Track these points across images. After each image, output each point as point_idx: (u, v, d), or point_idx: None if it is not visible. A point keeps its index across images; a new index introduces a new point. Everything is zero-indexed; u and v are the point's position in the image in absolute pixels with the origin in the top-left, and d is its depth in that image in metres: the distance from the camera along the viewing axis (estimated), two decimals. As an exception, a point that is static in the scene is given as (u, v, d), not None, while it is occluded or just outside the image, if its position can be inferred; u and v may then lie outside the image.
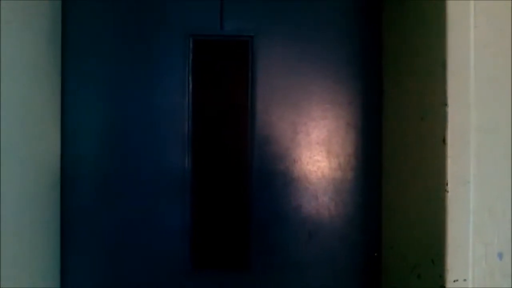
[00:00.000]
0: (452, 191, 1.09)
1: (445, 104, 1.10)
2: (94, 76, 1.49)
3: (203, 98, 1.52)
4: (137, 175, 1.50)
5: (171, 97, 1.50)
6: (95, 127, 1.50)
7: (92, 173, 1.50)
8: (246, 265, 1.52)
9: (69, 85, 1.49)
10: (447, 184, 1.09)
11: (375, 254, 1.50)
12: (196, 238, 1.51)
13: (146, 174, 1.50)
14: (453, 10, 1.10)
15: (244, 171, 1.52)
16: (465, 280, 1.09)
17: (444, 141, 1.10)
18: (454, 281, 1.09)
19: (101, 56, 1.50)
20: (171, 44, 1.50)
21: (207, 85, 1.52)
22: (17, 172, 1.19)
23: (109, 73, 1.50)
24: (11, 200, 1.15)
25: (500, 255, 1.10)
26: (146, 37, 1.50)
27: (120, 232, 1.50)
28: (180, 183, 1.50)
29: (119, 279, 1.50)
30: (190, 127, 1.50)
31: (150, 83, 1.50)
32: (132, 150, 1.50)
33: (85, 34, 1.49)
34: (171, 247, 1.51)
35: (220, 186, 1.53)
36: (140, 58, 1.50)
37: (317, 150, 1.51)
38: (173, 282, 1.51)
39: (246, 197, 1.52)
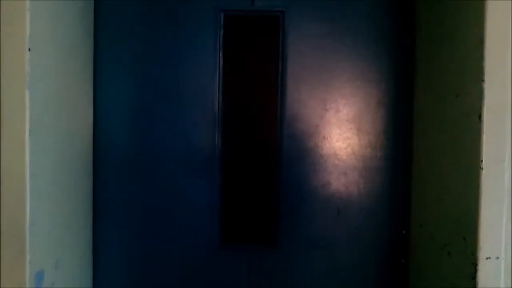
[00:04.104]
0: (487, 169, 1.08)
1: (482, 80, 1.08)
2: (125, 52, 1.51)
3: (234, 74, 1.52)
4: (168, 151, 1.52)
5: (201, 73, 1.50)
6: (126, 103, 1.52)
7: (123, 149, 1.52)
8: (274, 241, 1.54)
9: (101, 61, 1.50)
10: (482, 162, 1.08)
11: (403, 232, 1.50)
12: (225, 214, 1.54)
13: (177, 150, 1.52)
14: (493, -15, 1.07)
15: (274, 147, 1.52)
16: (497, 258, 1.09)
17: (480, 118, 1.08)
18: (487, 258, 1.09)
19: (132, 32, 1.50)
20: (202, 19, 1.50)
21: (237, 61, 1.52)
22: (51, 145, 1.22)
23: (140, 49, 1.51)
24: (46, 172, 1.19)
25: (534, 234, 1.10)
26: (177, 13, 1.50)
27: (150, 207, 1.52)
28: (210, 159, 1.52)
29: (149, 253, 1.53)
30: (220, 104, 1.51)
31: (181, 59, 1.50)
32: (162, 127, 1.51)
33: (117, 10, 1.50)
34: (201, 222, 1.53)
35: (250, 162, 1.55)
36: (171, 34, 1.50)
37: (347, 128, 1.51)
38: (202, 257, 1.53)
39: (275, 174, 1.52)
